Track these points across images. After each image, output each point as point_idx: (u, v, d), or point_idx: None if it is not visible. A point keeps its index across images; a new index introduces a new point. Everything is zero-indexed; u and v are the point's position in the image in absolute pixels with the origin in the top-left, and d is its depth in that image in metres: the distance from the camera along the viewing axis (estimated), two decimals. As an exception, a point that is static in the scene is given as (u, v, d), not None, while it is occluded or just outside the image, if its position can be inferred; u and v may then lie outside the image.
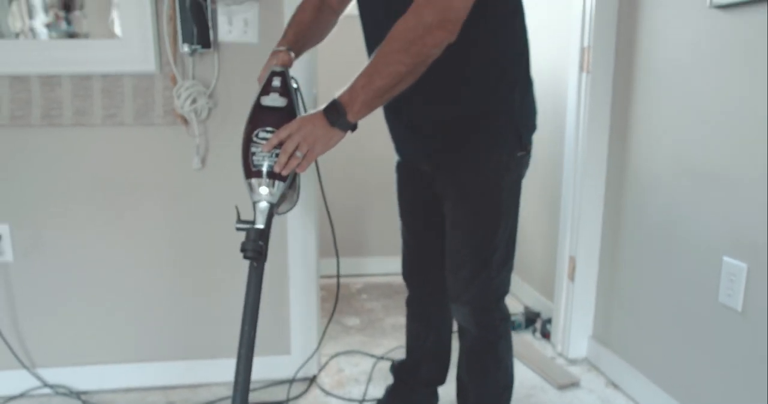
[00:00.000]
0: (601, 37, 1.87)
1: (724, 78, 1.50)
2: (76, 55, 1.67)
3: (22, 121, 1.69)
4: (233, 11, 1.68)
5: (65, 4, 1.90)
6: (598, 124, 1.90)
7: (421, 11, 1.11)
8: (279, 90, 1.21)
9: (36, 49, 1.67)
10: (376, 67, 1.12)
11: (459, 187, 1.37)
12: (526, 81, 1.37)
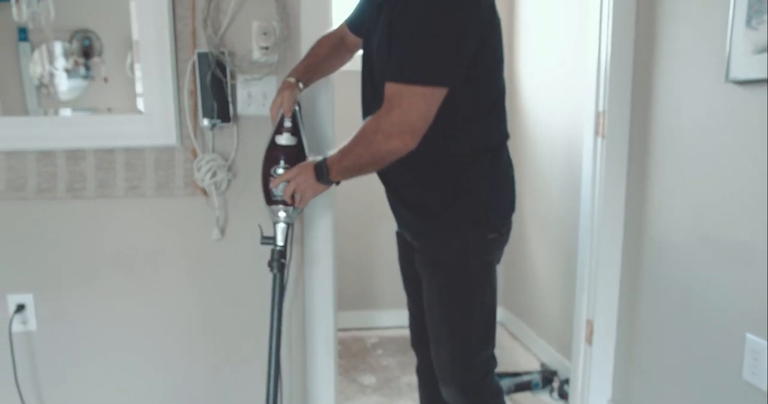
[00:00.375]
0: (616, 102, 1.88)
1: (742, 151, 1.50)
2: (101, 130, 1.72)
3: (48, 194, 1.74)
4: (252, 85, 1.72)
5: (85, 52, 1.97)
6: (614, 188, 1.90)
7: (381, 119, 1.25)
8: (290, 130, 1.48)
9: (62, 124, 1.73)
10: (348, 150, 1.32)
11: (430, 266, 1.42)
12: (499, 169, 1.40)
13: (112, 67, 1.84)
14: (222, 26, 1.70)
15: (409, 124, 1.22)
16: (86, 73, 2.05)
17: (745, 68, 1.46)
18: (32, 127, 1.72)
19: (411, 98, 1.21)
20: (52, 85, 2.14)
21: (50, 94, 2.17)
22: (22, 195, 1.73)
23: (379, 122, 1.25)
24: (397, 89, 1.22)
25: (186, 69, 1.70)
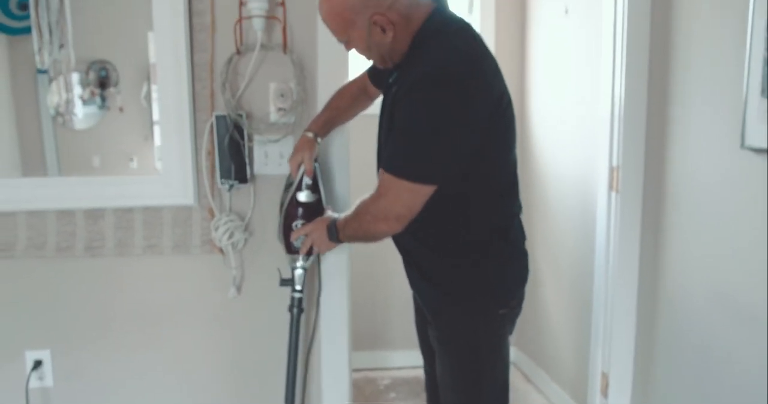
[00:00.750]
0: (630, 157, 1.89)
1: (757, 215, 1.50)
2: (120, 191, 1.74)
3: (67, 253, 1.76)
4: (270, 146, 1.74)
5: (101, 82, 2.00)
6: (628, 242, 1.91)
7: (370, 204, 1.32)
8: (311, 187, 1.57)
9: (83, 184, 1.75)
10: (349, 220, 1.39)
11: (442, 341, 1.43)
12: (511, 245, 1.41)
13: (127, 97, 1.87)
14: (240, 89, 1.72)
15: (394, 212, 1.28)
16: (102, 103, 2.08)
17: (761, 136, 1.47)
18: (53, 187, 1.74)
19: (398, 191, 1.26)
20: (68, 114, 2.17)
21: (66, 122, 2.20)
22: (42, 253, 1.75)
23: (369, 206, 1.32)
24: (387, 179, 1.27)
25: (204, 130, 1.73)
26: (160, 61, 1.73)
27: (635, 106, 1.87)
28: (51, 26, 2.09)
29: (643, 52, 1.85)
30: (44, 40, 2.08)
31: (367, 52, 1.34)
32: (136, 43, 1.81)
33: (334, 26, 1.31)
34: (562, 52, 2.44)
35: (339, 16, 1.28)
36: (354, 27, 1.28)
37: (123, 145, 2.19)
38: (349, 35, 1.30)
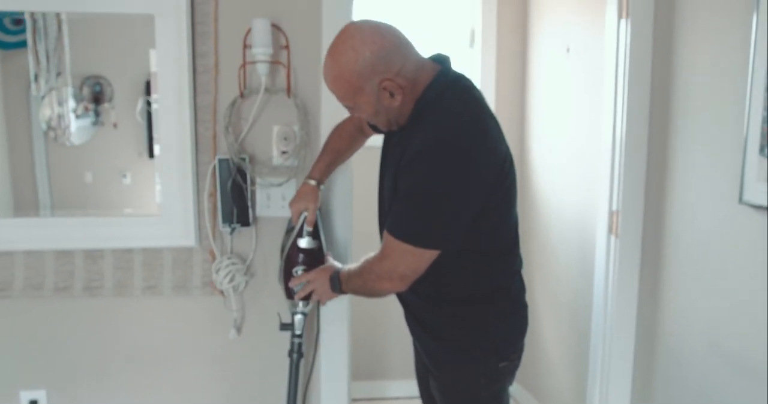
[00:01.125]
0: (630, 201, 1.90)
1: (754, 268, 1.51)
2: (120, 232, 1.73)
3: (65, 293, 1.75)
4: (272, 188, 1.74)
5: (95, 97, 1.99)
6: (627, 289, 1.91)
7: (375, 263, 1.33)
8: (312, 234, 1.56)
9: (81, 225, 1.74)
10: (353, 276, 1.40)
11: (441, 392, 1.45)
12: (511, 300, 1.42)
13: (122, 113, 1.86)
14: (243, 131, 1.73)
15: (398, 273, 1.29)
16: (96, 119, 2.07)
17: (759, 194, 1.48)
18: (53, 227, 1.74)
19: (402, 254, 1.27)
20: (60, 128, 2.15)
21: (57, 137, 2.19)
22: (40, 293, 1.74)
23: (373, 266, 1.34)
24: (391, 242, 1.28)
25: (206, 172, 1.73)
26: (162, 102, 1.73)
27: (636, 151, 1.88)
28: (48, 53, 2.08)
29: (644, 98, 1.87)
30: (41, 67, 2.08)
31: (374, 116, 1.33)
32: (131, 58, 1.80)
33: (341, 92, 1.30)
34: (562, 91, 2.46)
35: (347, 83, 1.27)
36: (362, 93, 1.28)
37: (116, 161, 2.18)
38: (357, 101, 1.30)
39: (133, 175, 2.21)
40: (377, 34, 1.25)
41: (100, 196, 2.24)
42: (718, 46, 1.66)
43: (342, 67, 1.26)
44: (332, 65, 1.28)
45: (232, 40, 1.71)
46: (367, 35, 1.24)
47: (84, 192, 2.23)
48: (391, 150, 1.39)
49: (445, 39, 2.86)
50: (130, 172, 2.19)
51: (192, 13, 1.69)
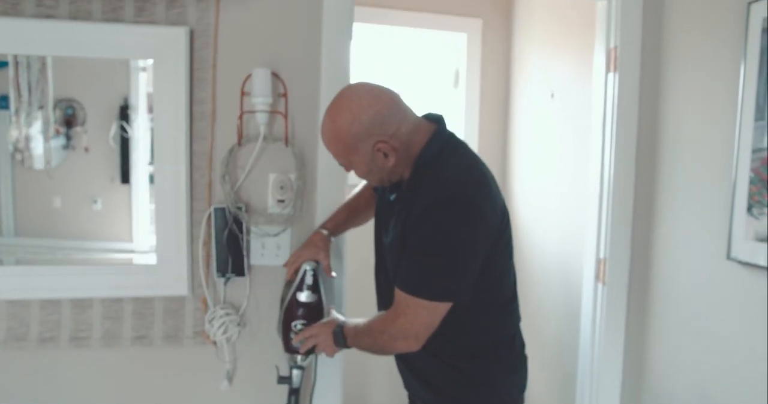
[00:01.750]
0: (617, 250, 1.95)
1: (741, 324, 1.57)
2: (109, 281, 1.69)
3: (51, 344, 1.69)
4: (267, 237, 1.73)
5: (67, 120, 1.95)
6: (613, 337, 1.95)
7: (388, 324, 1.33)
8: (311, 287, 1.55)
9: (69, 274, 1.69)
10: (361, 333, 1.40)
11: None
12: (513, 355, 1.46)
13: (94, 137, 1.82)
14: (239, 180, 1.71)
15: (413, 331, 1.30)
16: (66, 143, 2.02)
17: (746, 252, 1.55)
18: (38, 275, 1.68)
19: (416, 309, 1.29)
20: (28, 150, 2.09)
21: (25, 159, 2.12)
22: (23, 344, 1.68)
23: (386, 326, 1.34)
24: (404, 299, 1.30)
25: (201, 219, 1.70)
26: (158, 147, 1.70)
27: (623, 201, 1.94)
28: (31, 86, 2.03)
29: (630, 151, 1.93)
30: (23, 100, 2.02)
31: (367, 174, 1.38)
32: (107, 83, 1.77)
33: (335, 151, 1.35)
34: (546, 136, 2.52)
35: (342, 142, 1.32)
36: (357, 152, 1.32)
37: (87, 186, 2.12)
38: (351, 159, 1.35)
39: (105, 200, 2.15)
40: (374, 98, 1.31)
41: (69, 222, 2.17)
42: (704, 104, 1.73)
43: (339, 127, 1.31)
44: (330, 125, 1.33)
45: (231, 87, 1.70)
46: (364, 99, 1.30)
47: (52, 217, 2.17)
48: (389, 207, 1.42)
49: (429, 78, 2.90)
50: (101, 198, 2.14)
51: (191, 60, 1.68)
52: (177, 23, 1.66)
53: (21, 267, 1.70)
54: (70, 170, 2.07)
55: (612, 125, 1.94)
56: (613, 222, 1.94)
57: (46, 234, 2.13)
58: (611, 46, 1.94)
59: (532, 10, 2.63)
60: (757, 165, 1.52)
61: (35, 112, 2.04)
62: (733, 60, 1.59)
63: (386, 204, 1.45)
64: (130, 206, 2.11)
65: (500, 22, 2.79)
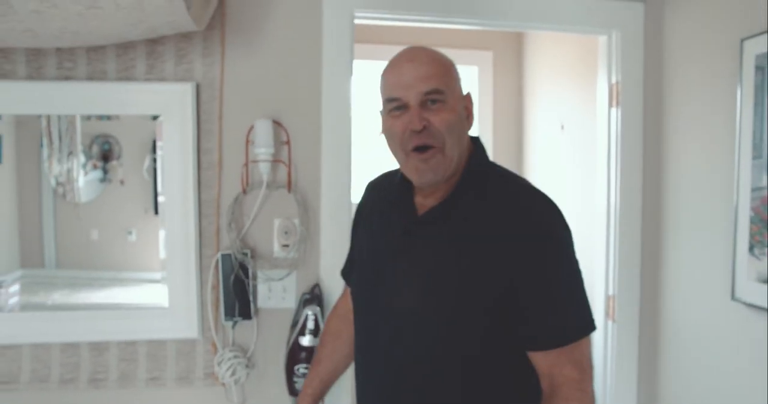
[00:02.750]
0: (626, 287, 1.93)
1: (749, 365, 1.53)
2: (125, 325, 1.77)
3: (71, 385, 1.77)
4: (273, 281, 1.78)
5: (104, 155, 2.05)
6: (625, 374, 1.92)
7: (584, 390, 1.06)
8: (314, 332, 1.56)
9: (86, 318, 1.78)
10: None
11: None
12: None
13: (129, 170, 1.91)
14: (245, 226, 1.78)
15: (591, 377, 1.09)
16: (103, 176, 2.13)
17: (749, 293, 1.52)
18: (58, 321, 1.78)
19: (588, 352, 1.08)
20: (69, 183, 2.21)
21: (65, 193, 2.25)
22: (46, 386, 1.77)
23: (583, 394, 1.05)
24: (579, 348, 1.06)
25: (209, 265, 1.77)
26: (167, 196, 1.79)
27: (630, 238, 1.92)
28: (61, 134, 2.17)
29: (636, 186, 1.91)
30: (54, 147, 2.16)
31: (452, 125, 1.07)
32: (140, 120, 1.86)
33: (436, 70, 1.09)
34: (558, 167, 2.52)
35: (445, 67, 1.11)
36: (455, 82, 1.11)
37: (122, 218, 2.23)
38: (450, 87, 1.09)
39: (139, 231, 2.26)
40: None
41: (105, 254, 2.29)
42: (705, 141, 1.71)
43: (437, 53, 1.13)
44: (425, 50, 1.12)
45: (236, 137, 1.78)
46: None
47: (90, 249, 2.29)
48: (416, 226, 1.13)
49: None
50: (135, 229, 2.25)
51: (198, 112, 1.76)
52: (184, 79, 1.75)
53: (40, 313, 1.80)
54: (107, 202, 2.18)
55: (617, 161, 1.93)
56: (621, 259, 1.92)
57: (85, 265, 2.25)
58: (613, 82, 1.94)
59: (540, 44, 2.65)
60: (757, 204, 1.49)
61: (65, 158, 2.17)
62: (730, 97, 1.58)
63: (395, 235, 1.15)
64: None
65: (510, 55, 2.81)
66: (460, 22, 1.96)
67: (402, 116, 1.09)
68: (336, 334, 1.40)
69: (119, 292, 2.22)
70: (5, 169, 2.14)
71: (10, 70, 1.72)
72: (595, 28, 1.95)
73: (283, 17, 1.78)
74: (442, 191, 1.14)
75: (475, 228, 1.08)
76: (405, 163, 1.12)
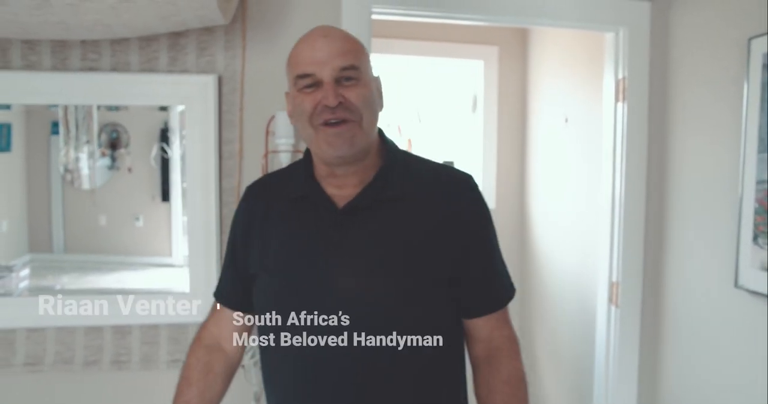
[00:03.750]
0: (629, 274, 2.00)
1: (751, 352, 1.61)
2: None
3: (95, 367, 1.83)
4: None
5: (112, 143, 2.11)
6: (627, 357, 2.00)
7: (515, 345, 1.12)
8: None
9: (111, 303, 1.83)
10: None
11: None
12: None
13: (137, 158, 1.97)
14: (265, 214, 1.83)
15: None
16: (111, 164, 2.18)
17: (753, 280, 1.59)
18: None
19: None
20: (77, 170, 2.27)
21: (74, 180, 2.30)
22: (70, 367, 1.82)
23: (517, 350, 1.12)
24: (506, 313, 1.14)
25: (230, 251, 1.82)
26: (189, 184, 1.84)
27: (634, 225, 1.99)
28: (78, 123, 2.21)
29: (640, 177, 1.99)
30: (71, 135, 2.20)
31: (368, 100, 1.05)
32: (148, 110, 1.91)
33: (351, 47, 1.06)
34: (561, 160, 2.59)
35: (357, 44, 1.09)
36: (367, 61, 1.08)
37: (130, 205, 2.29)
38: (362, 65, 1.06)
39: (146, 217, 2.32)
40: None
41: (113, 239, 2.35)
42: (710, 135, 1.78)
43: (350, 34, 1.10)
44: (338, 29, 1.10)
45: (256, 128, 1.83)
46: None
47: (97, 235, 2.35)
48: (348, 213, 1.07)
49: (448, 104, 3.00)
50: (142, 215, 2.30)
51: (219, 104, 1.81)
52: (206, 71, 1.80)
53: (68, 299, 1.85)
54: (115, 189, 2.24)
55: (622, 154, 2.00)
56: (625, 246, 2.00)
57: (93, 250, 2.31)
58: (619, 77, 2.01)
59: (546, 38, 2.71)
60: (762, 196, 1.57)
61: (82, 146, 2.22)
62: (736, 93, 1.65)
63: (337, 217, 1.07)
64: (170, 223, 2.27)
65: (516, 50, 2.87)
66: (470, 18, 2.03)
67: (314, 92, 1.04)
68: (205, 369, 1.23)
69: (127, 276, 2.29)
70: (14, 156, 2.18)
71: (35, 61, 1.76)
72: (602, 25, 2.02)
73: (302, 11, 1.83)
74: (358, 177, 1.09)
75: (413, 207, 1.07)
76: (314, 139, 1.06)
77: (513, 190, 2.89)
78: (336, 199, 1.09)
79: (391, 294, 1.03)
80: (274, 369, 1.15)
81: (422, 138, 3.01)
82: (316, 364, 1.05)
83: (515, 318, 2.89)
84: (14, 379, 1.80)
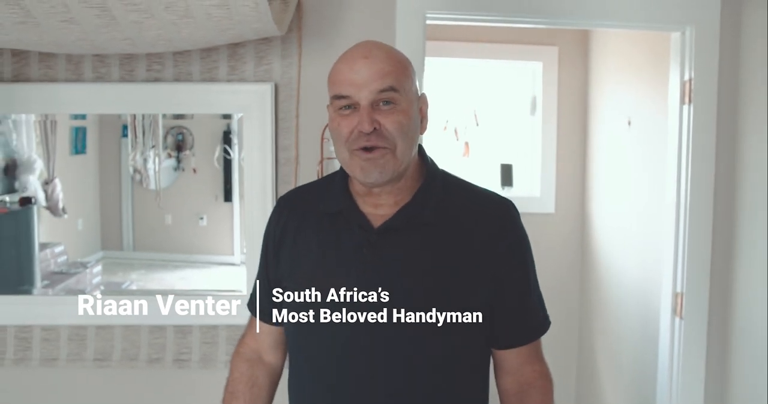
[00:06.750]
0: (695, 285, 1.91)
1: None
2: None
3: (158, 364, 1.91)
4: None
5: (177, 145, 2.20)
6: (692, 371, 1.91)
7: (546, 369, 1.12)
8: None
9: (173, 304, 1.91)
10: None
11: None
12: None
13: (201, 159, 2.05)
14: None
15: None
16: (177, 165, 2.27)
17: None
18: (149, 305, 1.91)
19: None
20: (145, 170, 2.38)
21: (142, 180, 2.42)
22: (135, 364, 1.91)
23: (549, 388, 1.11)
24: (540, 341, 1.14)
25: (285, 255, 1.87)
26: (248, 189, 1.89)
27: (700, 233, 1.90)
28: (144, 129, 2.32)
29: (708, 184, 1.89)
30: (138, 140, 2.31)
31: (405, 128, 1.03)
32: (210, 116, 1.98)
33: (391, 68, 1.03)
34: (623, 164, 2.50)
35: (400, 64, 1.06)
36: (409, 82, 1.06)
37: (194, 204, 2.39)
38: (404, 87, 1.04)
39: (209, 217, 2.41)
40: None
41: (178, 238, 2.46)
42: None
43: (395, 51, 1.08)
44: (380, 45, 1.07)
45: (312, 135, 1.86)
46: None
47: (164, 233, 2.46)
48: (383, 232, 1.07)
49: (506, 106, 2.96)
50: (206, 215, 2.40)
51: (276, 111, 1.86)
52: (264, 79, 1.85)
53: (136, 300, 1.94)
54: (180, 189, 2.34)
55: (688, 157, 1.91)
56: (690, 255, 1.91)
57: (159, 248, 2.43)
58: (685, 79, 1.92)
59: (608, 39, 2.62)
60: (839, 205, 1.47)
61: (148, 150, 2.33)
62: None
63: (372, 235, 1.07)
64: (232, 222, 2.36)
65: (576, 50, 2.79)
66: (528, 22, 1.98)
67: (351, 116, 1.04)
68: (250, 382, 1.24)
69: (191, 274, 2.38)
70: (89, 158, 2.32)
71: (105, 73, 1.85)
72: (668, 25, 1.94)
73: (357, 20, 1.85)
74: (394, 197, 1.09)
75: (449, 232, 1.07)
76: (348, 162, 1.06)
77: (573, 195, 2.81)
78: (371, 217, 1.09)
79: (418, 324, 1.02)
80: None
81: (480, 141, 2.97)
82: (339, 381, 1.08)
83: (574, 328, 2.83)
84: (85, 372, 1.91)
